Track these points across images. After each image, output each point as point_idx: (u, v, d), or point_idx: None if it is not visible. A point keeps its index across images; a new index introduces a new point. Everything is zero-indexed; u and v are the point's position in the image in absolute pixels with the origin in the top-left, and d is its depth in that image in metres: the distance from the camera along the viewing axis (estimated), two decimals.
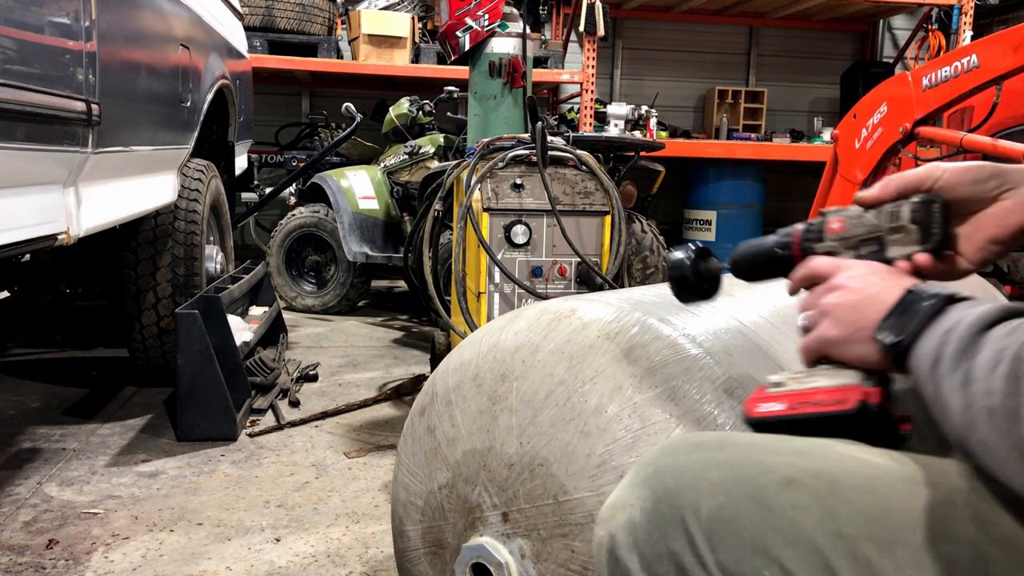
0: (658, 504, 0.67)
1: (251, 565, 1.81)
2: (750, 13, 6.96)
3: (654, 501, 0.67)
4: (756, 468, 0.66)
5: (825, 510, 0.61)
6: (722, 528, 0.63)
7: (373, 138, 5.24)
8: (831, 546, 0.60)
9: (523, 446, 1.08)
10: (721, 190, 6.00)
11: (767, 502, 0.63)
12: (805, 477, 0.64)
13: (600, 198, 2.41)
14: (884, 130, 3.48)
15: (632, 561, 0.67)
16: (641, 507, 0.67)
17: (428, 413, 1.22)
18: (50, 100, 1.79)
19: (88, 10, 1.98)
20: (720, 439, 0.72)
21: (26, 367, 3.42)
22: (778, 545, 0.61)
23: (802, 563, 0.60)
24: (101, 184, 2.20)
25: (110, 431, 2.65)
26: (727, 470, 0.66)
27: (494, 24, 2.73)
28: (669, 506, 0.66)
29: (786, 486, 0.63)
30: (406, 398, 3.08)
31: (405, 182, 4.62)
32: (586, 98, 5.64)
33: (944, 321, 0.66)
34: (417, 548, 1.24)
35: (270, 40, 5.35)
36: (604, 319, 1.08)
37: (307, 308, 4.76)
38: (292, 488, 2.24)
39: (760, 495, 0.63)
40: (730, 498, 0.64)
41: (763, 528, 0.62)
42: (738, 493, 0.64)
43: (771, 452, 0.68)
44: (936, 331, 0.66)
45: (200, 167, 3.17)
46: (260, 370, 3.04)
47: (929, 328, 0.67)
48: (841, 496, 0.62)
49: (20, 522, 1.99)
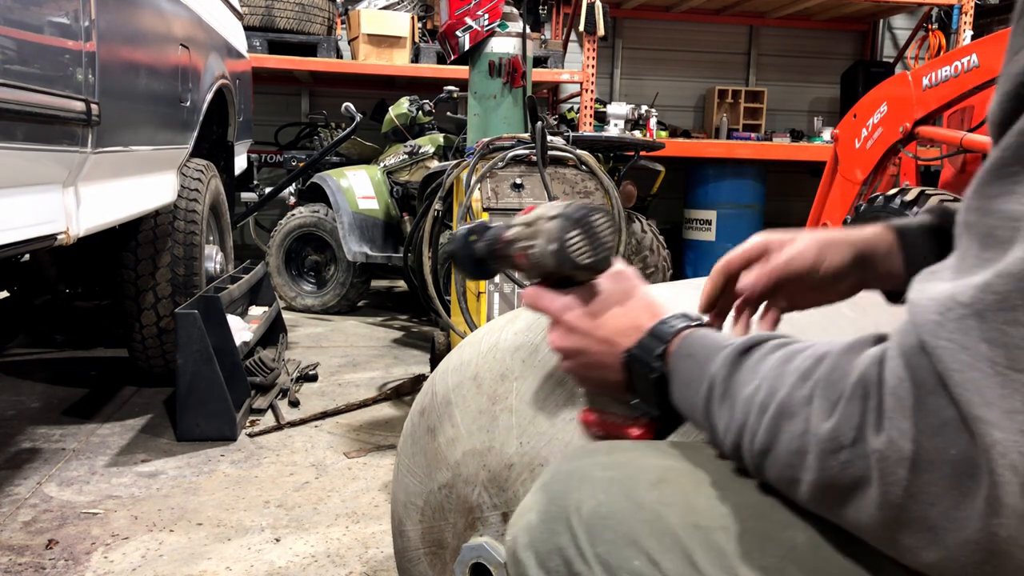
0: (549, 505, 0.73)
1: (251, 565, 1.81)
2: (750, 13, 6.95)
3: (547, 503, 0.73)
4: (633, 469, 0.72)
5: (687, 505, 0.67)
6: (599, 524, 0.69)
7: (373, 138, 5.23)
8: (690, 537, 0.65)
9: (523, 446, 1.08)
10: (721, 190, 6.00)
11: (639, 499, 0.69)
12: (674, 476, 0.70)
13: (600, 198, 2.41)
14: (884, 130, 3.48)
15: (529, 559, 0.73)
16: (537, 510, 0.74)
17: (428, 413, 1.22)
18: (49, 100, 1.79)
19: (88, 10, 1.98)
20: (611, 445, 0.78)
21: (26, 367, 3.42)
22: (646, 537, 0.67)
23: (666, 553, 0.66)
24: (100, 184, 2.20)
25: (110, 431, 2.65)
26: (608, 471, 0.72)
27: (494, 24, 2.73)
28: (558, 507, 0.72)
29: (656, 485, 0.69)
30: (406, 398, 3.08)
31: (405, 182, 4.62)
32: (586, 98, 5.64)
33: (677, 376, 0.75)
34: (417, 548, 1.24)
35: (270, 40, 5.34)
36: None
37: (307, 308, 4.76)
38: (292, 488, 2.24)
39: (634, 493, 0.69)
40: (608, 497, 0.70)
41: (634, 523, 0.68)
42: (615, 492, 0.70)
43: (652, 454, 0.73)
44: (678, 384, 0.75)
45: (200, 167, 3.17)
46: (260, 370, 3.04)
47: (672, 386, 0.76)
48: (702, 492, 0.68)
49: (20, 522, 1.99)
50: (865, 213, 3.41)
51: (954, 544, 0.50)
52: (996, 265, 0.49)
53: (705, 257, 6.01)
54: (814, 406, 0.58)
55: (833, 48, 7.36)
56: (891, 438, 0.52)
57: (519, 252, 0.86)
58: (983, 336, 0.49)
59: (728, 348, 0.70)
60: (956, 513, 0.49)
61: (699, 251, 6.07)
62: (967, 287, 0.50)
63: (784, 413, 0.61)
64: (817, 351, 0.62)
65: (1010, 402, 0.47)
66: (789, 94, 7.32)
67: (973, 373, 0.49)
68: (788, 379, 0.62)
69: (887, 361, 0.54)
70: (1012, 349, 0.48)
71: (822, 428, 0.57)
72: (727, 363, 0.69)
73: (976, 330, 0.49)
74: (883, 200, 3.17)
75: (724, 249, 0.93)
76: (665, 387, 0.77)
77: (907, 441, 0.51)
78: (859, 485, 0.54)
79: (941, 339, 0.50)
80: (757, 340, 0.70)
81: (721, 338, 0.74)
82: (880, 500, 0.53)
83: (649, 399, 0.79)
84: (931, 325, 0.51)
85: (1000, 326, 0.48)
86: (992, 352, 0.48)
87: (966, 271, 0.52)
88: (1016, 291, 0.48)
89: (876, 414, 0.54)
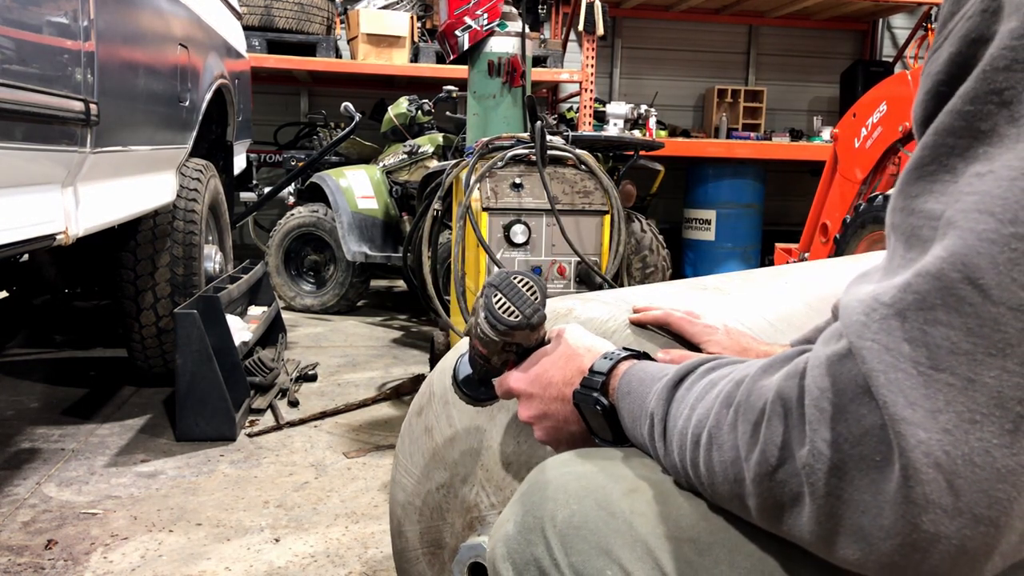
0: (526, 516, 0.73)
1: (250, 565, 1.81)
2: (749, 12, 6.95)
3: (523, 514, 0.73)
4: (606, 479, 0.72)
5: (657, 515, 0.67)
6: (572, 533, 0.69)
7: (372, 137, 5.23)
8: (661, 547, 0.66)
9: (520, 445, 1.08)
10: (721, 189, 5.99)
11: (611, 508, 0.69)
12: (646, 486, 0.70)
13: (599, 197, 2.41)
14: (884, 129, 3.48)
15: (506, 569, 0.73)
16: (514, 520, 0.74)
17: (426, 413, 1.22)
18: (48, 100, 1.79)
19: (87, 10, 1.98)
20: (587, 453, 0.78)
21: (25, 367, 3.42)
22: (618, 547, 0.67)
23: (638, 563, 0.66)
24: (99, 184, 2.20)
25: (109, 431, 2.64)
26: (583, 481, 0.72)
27: (493, 23, 2.73)
28: (534, 517, 0.72)
29: (629, 494, 0.69)
30: (405, 398, 3.08)
31: (404, 181, 4.62)
32: (585, 97, 5.63)
33: (623, 412, 0.77)
34: (415, 548, 1.23)
35: (269, 39, 5.34)
36: (600, 318, 1.08)
37: (306, 308, 4.76)
38: (291, 488, 2.24)
39: (606, 502, 0.69)
40: (581, 506, 0.70)
41: (606, 532, 0.68)
42: (588, 502, 0.70)
43: (626, 464, 0.74)
44: (626, 420, 0.77)
45: (199, 167, 3.17)
46: (259, 370, 3.04)
47: (622, 421, 0.77)
48: (672, 503, 0.68)
49: (19, 522, 1.99)
50: (865, 212, 3.42)
51: (889, 548, 0.50)
52: (916, 265, 0.50)
53: (705, 256, 6.01)
54: (739, 432, 0.59)
55: (832, 47, 7.36)
56: (815, 449, 0.52)
57: (475, 340, 0.91)
58: (905, 336, 0.49)
59: (661, 382, 0.72)
60: (884, 517, 0.50)
61: (699, 251, 6.06)
62: (889, 287, 0.50)
63: (714, 445, 0.62)
64: (736, 375, 0.63)
65: (933, 402, 0.48)
66: (788, 93, 7.32)
67: (896, 374, 0.49)
68: (714, 407, 0.63)
69: (809, 371, 0.54)
70: (933, 348, 0.48)
71: (752, 455, 0.57)
72: (661, 399, 0.71)
73: (899, 331, 0.49)
74: (883, 199, 3.17)
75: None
76: (615, 419, 0.79)
77: (831, 450, 0.52)
78: (796, 501, 0.55)
79: (866, 340, 0.50)
80: (688, 369, 0.71)
81: (656, 370, 0.75)
82: (814, 512, 0.53)
83: (606, 434, 0.81)
84: (857, 326, 0.51)
85: (921, 326, 0.48)
86: (914, 352, 0.48)
87: (892, 272, 0.52)
88: (934, 290, 0.48)
89: (799, 429, 0.54)
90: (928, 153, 0.51)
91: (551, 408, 0.85)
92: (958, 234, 0.48)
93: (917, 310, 0.48)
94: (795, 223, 5.46)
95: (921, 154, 0.52)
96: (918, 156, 0.52)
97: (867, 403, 0.50)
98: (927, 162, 0.51)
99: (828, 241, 3.78)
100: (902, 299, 0.49)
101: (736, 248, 5.97)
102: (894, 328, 0.49)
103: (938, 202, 0.50)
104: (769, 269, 1.57)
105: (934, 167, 0.51)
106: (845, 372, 0.51)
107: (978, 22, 0.50)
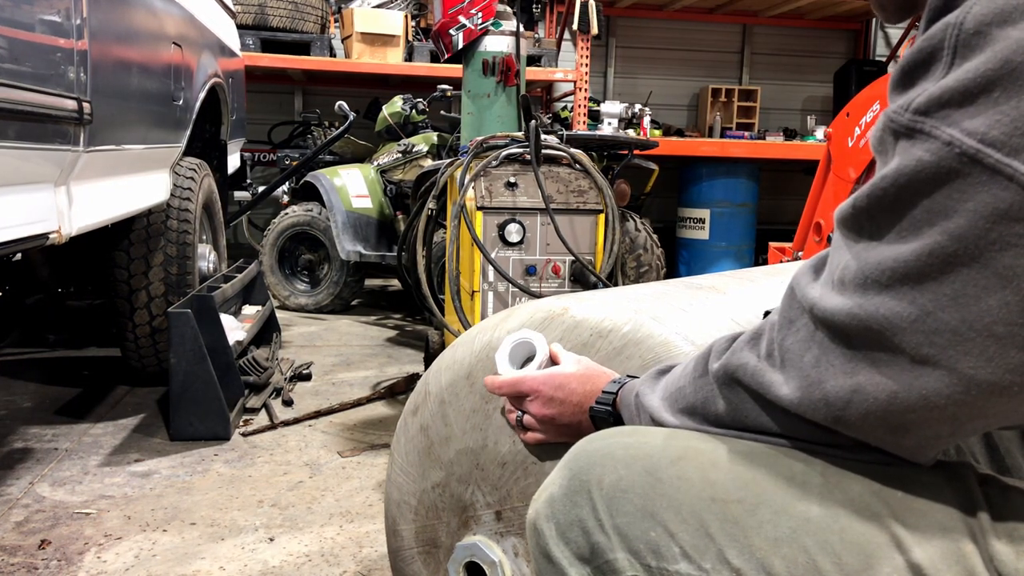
0: (572, 480, 0.77)
1: (245, 565, 1.81)
2: (743, 11, 6.96)
3: (569, 478, 0.78)
4: (653, 448, 0.76)
5: (704, 479, 0.72)
6: (619, 496, 0.74)
7: (366, 136, 5.22)
8: (707, 508, 0.70)
9: (516, 444, 1.08)
10: (715, 188, 6.00)
11: (658, 474, 0.73)
12: (693, 454, 0.74)
13: (594, 196, 2.41)
14: None
15: (549, 529, 0.78)
16: (559, 483, 0.78)
17: (421, 412, 1.22)
18: (41, 99, 1.78)
19: (79, 8, 1.97)
20: (633, 429, 0.83)
21: (18, 367, 3.41)
22: (663, 510, 0.72)
23: (682, 524, 0.70)
24: (93, 183, 2.19)
25: (102, 431, 2.64)
26: (630, 450, 0.77)
27: (487, 22, 2.73)
28: (580, 481, 0.77)
29: (676, 461, 0.74)
30: (400, 397, 3.07)
31: (399, 180, 4.62)
32: (580, 96, 5.64)
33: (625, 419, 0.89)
34: (411, 547, 1.23)
35: (263, 38, 5.33)
36: (596, 317, 1.08)
37: (300, 307, 4.75)
38: (286, 487, 2.23)
39: (653, 468, 0.74)
40: (629, 471, 0.74)
41: (653, 496, 0.72)
42: (636, 467, 0.75)
43: (671, 436, 0.78)
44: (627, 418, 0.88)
45: (193, 166, 3.16)
46: (253, 369, 3.03)
47: None
48: (719, 468, 0.72)
49: (12, 522, 1.98)
50: None
51: None
52: None
53: (699, 255, 6.02)
54: None
55: (826, 47, 7.37)
56: None
57: None
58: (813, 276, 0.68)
59: (653, 376, 0.88)
60: None
61: (693, 250, 6.07)
62: None
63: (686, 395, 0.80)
64: (686, 361, 0.82)
65: None
66: (782, 93, 7.33)
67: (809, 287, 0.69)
68: (686, 375, 0.81)
69: None
70: None
71: None
72: (633, 405, 0.87)
73: None
74: None
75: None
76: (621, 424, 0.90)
77: None
78: None
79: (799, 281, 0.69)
80: (658, 371, 0.88)
81: (642, 381, 0.89)
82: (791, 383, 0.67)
83: None
84: None
85: None
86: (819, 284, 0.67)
87: None
88: None
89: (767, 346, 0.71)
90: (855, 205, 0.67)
91: (567, 412, 0.97)
92: None
93: None
94: (789, 222, 5.46)
95: None
96: None
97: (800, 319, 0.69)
98: None
99: (822, 240, 3.79)
100: None
101: (730, 247, 5.98)
102: None
103: (844, 256, 0.67)
104: (764, 268, 1.57)
105: None
106: None
107: None
